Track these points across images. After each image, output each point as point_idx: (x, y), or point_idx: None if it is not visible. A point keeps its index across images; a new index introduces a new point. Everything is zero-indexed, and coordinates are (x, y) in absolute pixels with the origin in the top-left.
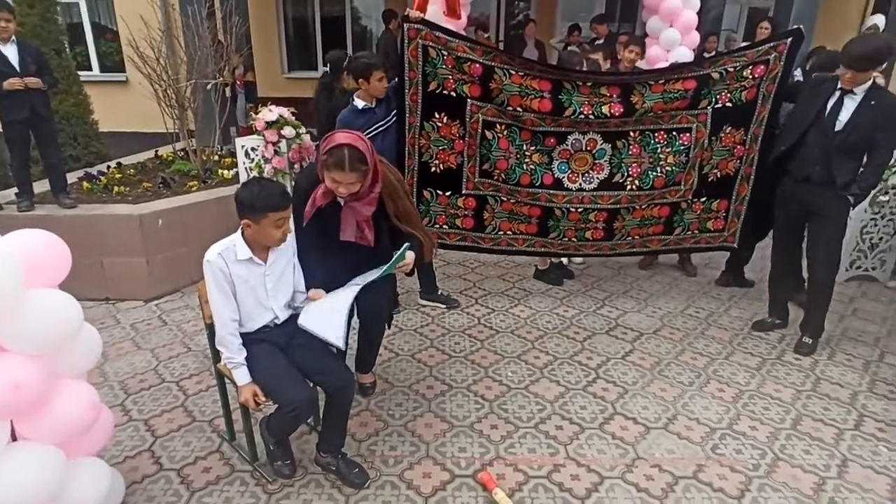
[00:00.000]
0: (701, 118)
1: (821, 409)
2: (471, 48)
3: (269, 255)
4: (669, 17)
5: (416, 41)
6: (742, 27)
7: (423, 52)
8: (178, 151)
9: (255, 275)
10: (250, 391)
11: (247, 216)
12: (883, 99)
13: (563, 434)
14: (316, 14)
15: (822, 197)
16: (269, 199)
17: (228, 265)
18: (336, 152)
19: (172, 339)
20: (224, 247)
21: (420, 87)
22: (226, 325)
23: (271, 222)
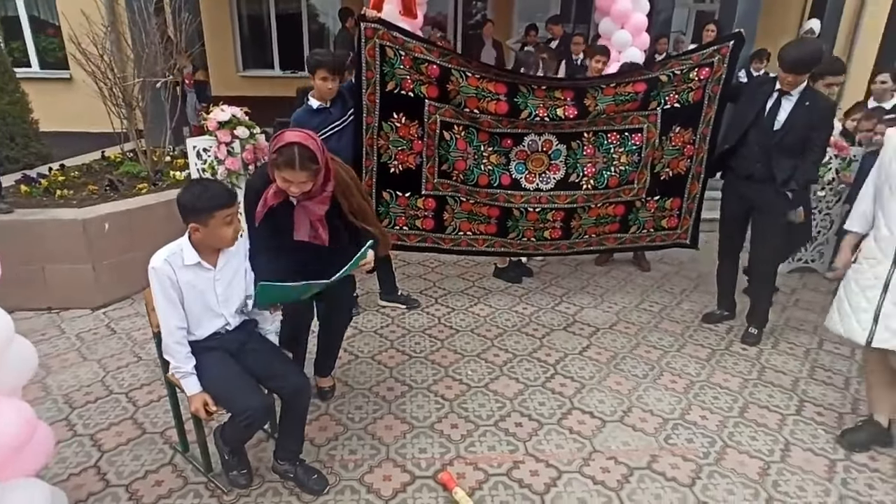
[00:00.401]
0: (651, 119)
1: (766, 396)
2: (427, 49)
3: (218, 258)
4: (620, 19)
5: (373, 40)
6: (690, 30)
7: (380, 52)
8: (128, 152)
9: (204, 280)
10: (200, 400)
11: (193, 219)
12: (816, 100)
13: (522, 431)
14: (271, 11)
15: (763, 193)
16: (214, 198)
17: (175, 271)
18: (286, 151)
19: (122, 349)
20: (170, 252)
21: (378, 87)
22: (172, 334)
23: (220, 221)
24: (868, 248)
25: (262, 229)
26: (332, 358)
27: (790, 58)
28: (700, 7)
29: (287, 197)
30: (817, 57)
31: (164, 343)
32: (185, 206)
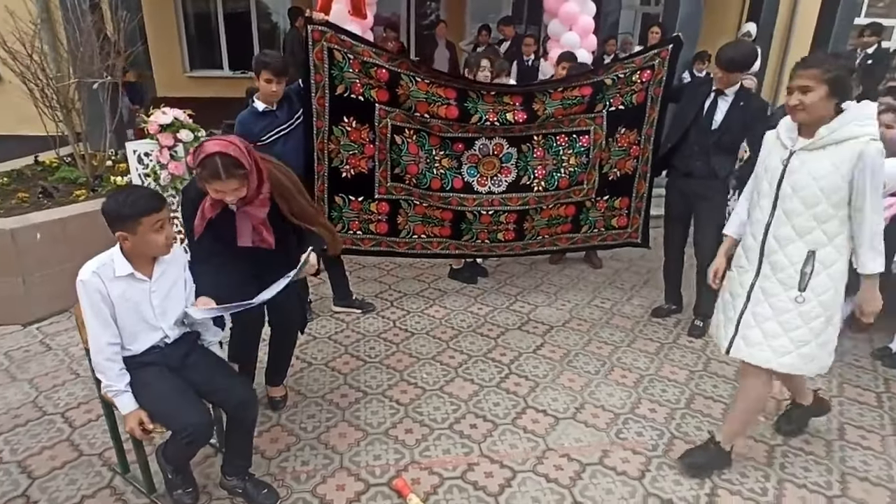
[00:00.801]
0: (598, 121)
1: (710, 387)
2: (376, 53)
3: (154, 269)
4: (568, 21)
5: (320, 43)
6: (637, 32)
7: (328, 55)
8: (65, 157)
9: (139, 292)
10: (136, 419)
11: (120, 228)
12: (750, 101)
13: (476, 432)
14: (219, 9)
15: (703, 188)
16: (139, 204)
17: (106, 283)
18: (208, 163)
19: (57, 366)
20: (100, 263)
21: (327, 91)
22: (102, 351)
23: (148, 228)
24: (737, 256)
25: (203, 241)
26: (284, 367)
27: (726, 57)
28: (646, 10)
29: (225, 205)
30: (752, 57)
31: (93, 361)
32: (110, 214)
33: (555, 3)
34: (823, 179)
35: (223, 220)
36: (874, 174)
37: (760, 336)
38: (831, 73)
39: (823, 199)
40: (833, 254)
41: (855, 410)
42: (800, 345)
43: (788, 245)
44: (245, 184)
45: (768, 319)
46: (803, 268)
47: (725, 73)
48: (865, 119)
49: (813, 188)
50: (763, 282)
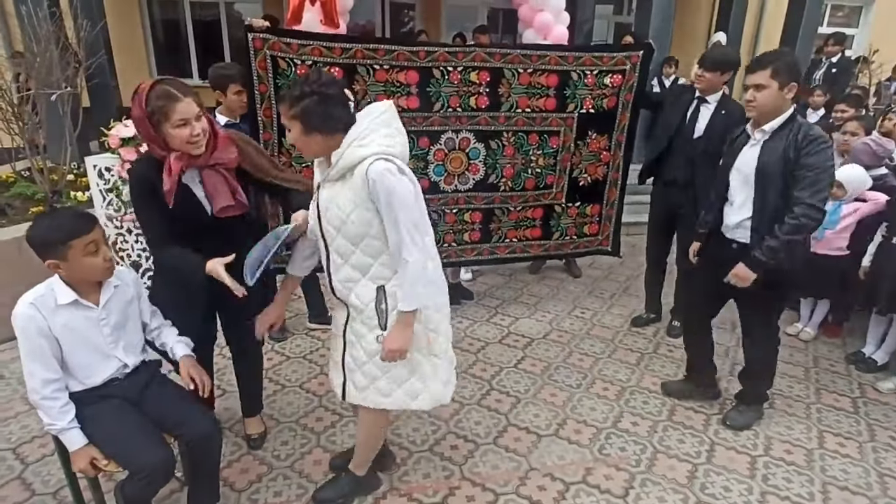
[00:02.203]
0: (568, 122)
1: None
2: (328, 48)
3: (100, 294)
4: (543, 31)
5: (262, 52)
6: (611, 41)
7: (272, 64)
8: (22, 171)
9: (86, 321)
10: (86, 457)
11: (49, 255)
12: (732, 108)
13: (458, 454)
14: (188, 17)
15: (686, 198)
16: (66, 227)
17: (47, 316)
18: (157, 90)
19: (10, 396)
20: (38, 294)
21: (273, 101)
22: (38, 391)
23: (79, 252)
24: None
25: (162, 223)
26: (258, 390)
27: (711, 58)
28: (619, 19)
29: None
30: (735, 61)
31: (30, 399)
32: (36, 243)
33: (529, 13)
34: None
35: (184, 197)
36: (390, 202)
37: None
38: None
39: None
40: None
41: (832, 417)
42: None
43: (356, 285)
44: (203, 110)
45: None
46: (378, 306)
47: (712, 76)
48: (364, 139)
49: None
50: (352, 323)
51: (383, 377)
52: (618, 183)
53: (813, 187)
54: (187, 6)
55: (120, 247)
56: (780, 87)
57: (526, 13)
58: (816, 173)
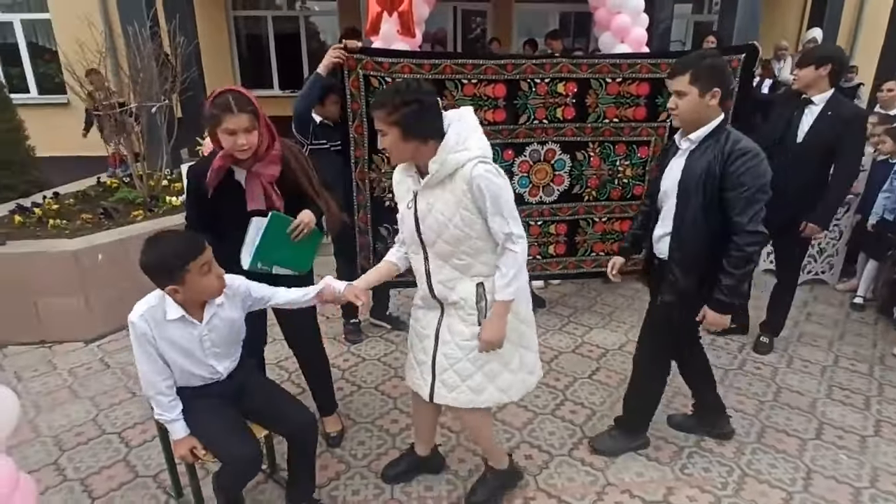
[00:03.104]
0: (660, 132)
1: (783, 419)
2: (417, 65)
3: (205, 311)
4: (620, 34)
5: (356, 72)
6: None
7: (364, 83)
8: (124, 178)
9: (190, 336)
10: (186, 446)
11: (168, 282)
12: (841, 109)
13: (532, 464)
14: (270, 31)
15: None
16: (181, 251)
17: (154, 329)
18: (220, 99)
19: (115, 385)
20: (149, 305)
21: (364, 119)
22: (152, 386)
23: (196, 274)
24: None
25: (203, 214)
26: (328, 391)
27: (804, 53)
28: (698, 18)
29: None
30: (831, 53)
31: (144, 392)
32: (154, 269)
33: (606, 16)
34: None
35: (229, 189)
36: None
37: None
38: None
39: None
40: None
41: None
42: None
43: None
44: (256, 127)
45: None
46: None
47: (806, 71)
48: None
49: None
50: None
51: (478, 373)
52: None
53: (749, 210)
54: (270, 21)
55: None
56: (700, 93)
57: (603, 16)
58: (751, 193)
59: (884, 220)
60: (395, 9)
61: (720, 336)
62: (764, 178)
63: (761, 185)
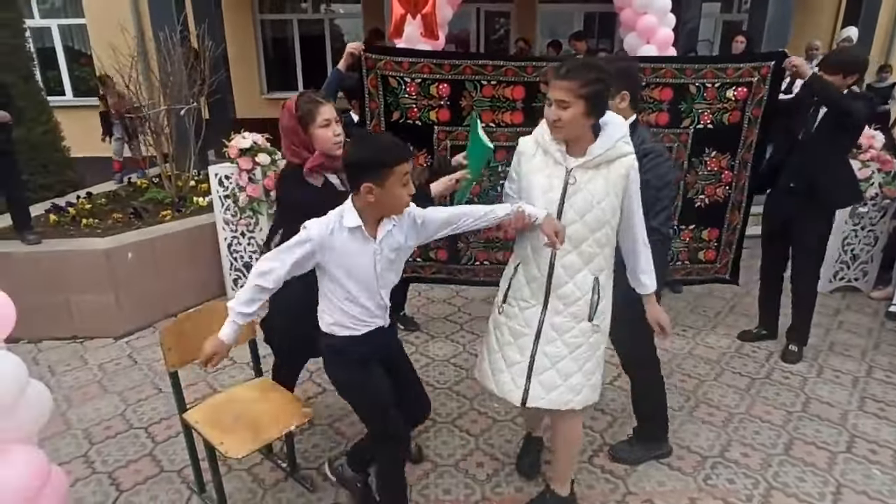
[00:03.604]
0: (682, 138)
1: (812, 431)
2: (437, 65)
3: (378, 230)
4: (646, 35)
5: (374, 71)
6: (717, 40)
7: (382, 82)
8: (153, 178)
9: (362, 250)
10: (219, 347)
11: (369, 178)
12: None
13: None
14: (295, 34)
15: (799, 205)
16: (393, 152)
17: (331, 233)
18: (305, 96)
19: (142, 380)
20: (327, 220)
21: (382, 118)
22: (261, 275)
23: (398, 180)
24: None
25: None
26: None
27: (835, 58)
28: (727, 17)
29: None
30: (861, 62)
31: (251, 273)
32: (361, 162)
33: (632, 17)
34: (604, 201)
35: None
36: (638, 192)
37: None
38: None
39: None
40: (609, 278)
41: None
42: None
43: (576, 274)
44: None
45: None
46: (591, 297)
47: (834, 78)
48: (628, 136)
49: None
50: (553, 317)
51: (578, 372)
52: (741, 206)
53: (654, 208)
54: (295, 24)
55: (234, 248)
56: (611, 96)
57: (629, 16)
58: (656, 191)
59: None
60: (419, 11)
61: (748, 342)
62: (667, 178)
63: (665, 184)
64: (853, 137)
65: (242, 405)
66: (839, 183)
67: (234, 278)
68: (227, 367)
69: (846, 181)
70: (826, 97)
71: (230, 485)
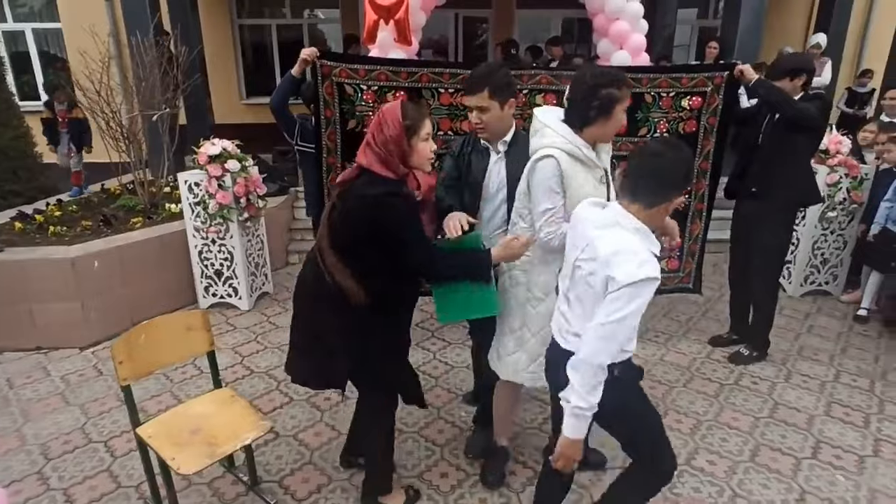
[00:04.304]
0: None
1: (779, 437)
2: (394, 73)
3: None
4: (618, 41)
5: (329, 78)
6: (693, 47)
7: (338, 90)
8: (127, 184)
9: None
10: (577, 451)
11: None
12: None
13: (516, 481)
14: (273, 39)
15: (754, 211)
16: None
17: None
18: (411, 105)
19: (106, 392)
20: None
21: (338, 126)
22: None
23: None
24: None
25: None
26: None
27: (776, 65)
28: (703, 23)
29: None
30: (802, 64)
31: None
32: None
33: (604, 23)
34: None
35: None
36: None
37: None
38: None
39: None
40: None
41: None
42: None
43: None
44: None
45: None
46: None
47: (781, 83)
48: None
49: None
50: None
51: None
52: (702, 215)
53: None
54: (274, 29)
55: (205, 255)
56: (501, 105)
57: (601, 22)
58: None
59: (886, 230)
60: (392, 17)
61: (718, 348)
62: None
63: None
64: (811, 139)
65: (200, 418)
66: (793, 184)
67: (206, 286)
68: (193, 377)
69: (801, 182)
70: (770, 100)
71: (189, 499)
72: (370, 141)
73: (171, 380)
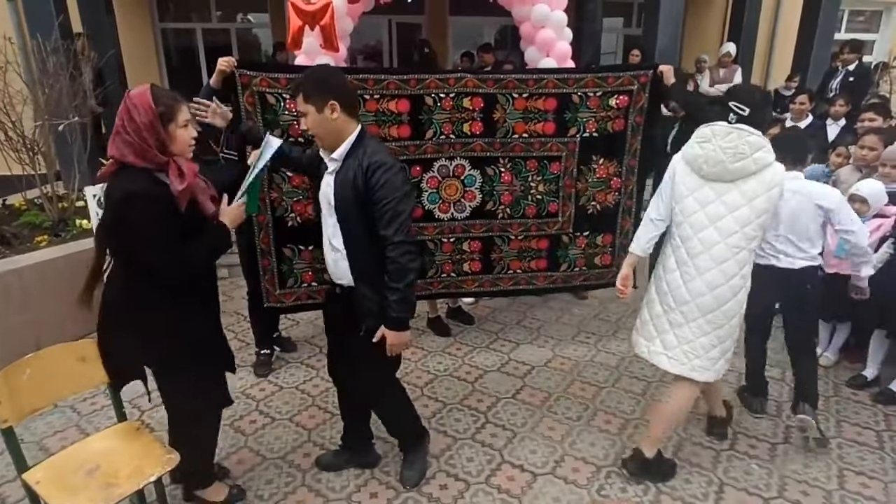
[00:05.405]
0: (570, 147)
1: (699, 431)
2: None
3: None
4: (545, 48)
5: (250, 88)
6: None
7: (259, 100)
8: (35, 199)
9: None
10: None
11: None
12: None
13: (446, 494)
14: (199, 44)
15: None
16: None
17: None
18: (161, 90)
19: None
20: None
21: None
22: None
23: None
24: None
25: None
26: None
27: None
28: (628, 31)
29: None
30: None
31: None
32: None
33: (531, 31)
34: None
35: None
36: None
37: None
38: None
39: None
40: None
41: (854, 454)
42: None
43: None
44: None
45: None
46: None
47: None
48: None
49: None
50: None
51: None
52: (632, 211)
53: (395, 222)
54: (199, 33)
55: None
56: (317, 109)
57: (528, 30)
58: (394, 204)
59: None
60: (317, 23)
61: None
62: (402, 190)
63: (401, 197)
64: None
65: (99, 456)
66: None
67: None
68: (105, 407)
69: None
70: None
71: None
72: (119, 129)
73: (78, 412)
